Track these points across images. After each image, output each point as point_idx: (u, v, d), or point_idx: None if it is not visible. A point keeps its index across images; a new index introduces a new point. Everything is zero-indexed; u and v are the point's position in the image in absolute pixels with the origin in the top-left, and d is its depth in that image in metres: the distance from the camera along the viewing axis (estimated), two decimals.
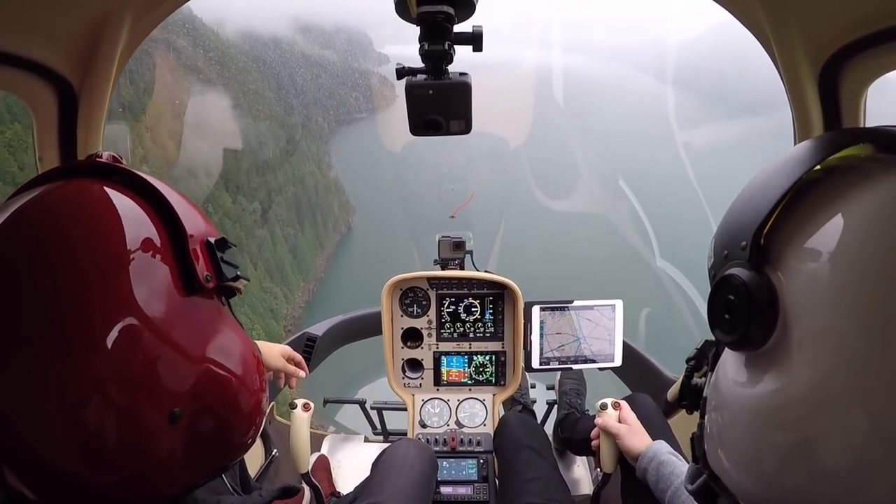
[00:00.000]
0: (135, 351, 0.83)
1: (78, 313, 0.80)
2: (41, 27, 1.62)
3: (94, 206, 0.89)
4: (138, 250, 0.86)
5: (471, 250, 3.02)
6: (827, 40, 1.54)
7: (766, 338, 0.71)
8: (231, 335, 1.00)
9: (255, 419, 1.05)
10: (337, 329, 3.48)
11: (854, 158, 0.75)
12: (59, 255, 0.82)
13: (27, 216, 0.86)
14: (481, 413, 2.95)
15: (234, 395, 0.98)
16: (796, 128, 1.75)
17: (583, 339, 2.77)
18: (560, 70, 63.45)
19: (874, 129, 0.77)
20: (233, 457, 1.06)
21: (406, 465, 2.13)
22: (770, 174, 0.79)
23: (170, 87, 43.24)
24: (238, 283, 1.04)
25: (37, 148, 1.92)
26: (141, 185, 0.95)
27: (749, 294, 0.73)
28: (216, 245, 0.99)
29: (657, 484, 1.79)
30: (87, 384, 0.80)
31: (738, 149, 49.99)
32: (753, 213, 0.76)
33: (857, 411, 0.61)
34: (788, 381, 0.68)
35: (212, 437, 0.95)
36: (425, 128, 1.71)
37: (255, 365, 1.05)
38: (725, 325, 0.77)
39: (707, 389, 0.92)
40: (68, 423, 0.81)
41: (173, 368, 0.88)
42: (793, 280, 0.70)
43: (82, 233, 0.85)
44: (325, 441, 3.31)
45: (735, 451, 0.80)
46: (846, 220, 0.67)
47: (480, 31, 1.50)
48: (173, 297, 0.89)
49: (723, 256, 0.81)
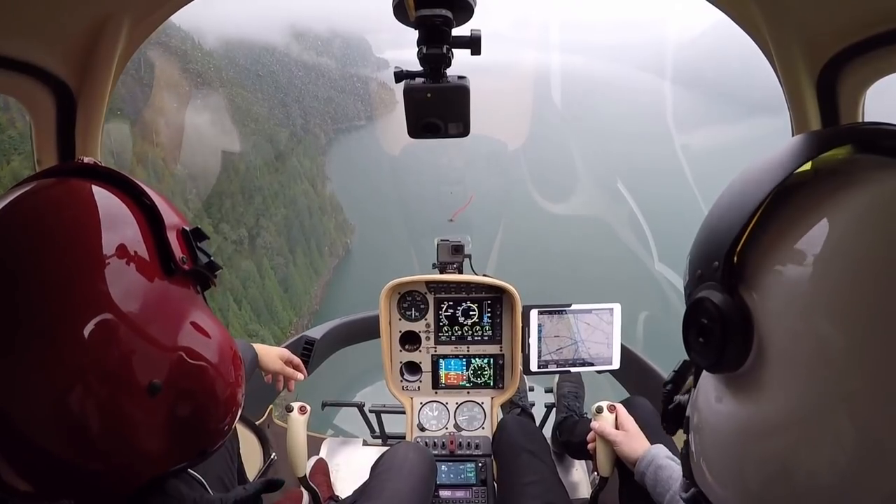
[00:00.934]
0: (105, 326, 0.86)
1: (61, 296, 0.84)
2: (39, 31, 1.62)
3: (77, 196, 0.95)
4: (118, 234, 0.92)
5: (469, 254, 3.02)
6: (825, 44, 1.55)
7: (741, 360, 0.70)
8: (205, 322, 1.04)
9: (231, 407, 1.07)
10: (335, 332, 3.48)
11: (840, 160, 0.73)
12: (43, 240, 0.87)
13: (14, 209, 0.91)
14: (480, 416, 2.95)
15: (208, 379, 1.01)
16: (794, 131, 1.75)
17: (581, 342, 2.77)
18: (558, 72, 63.60)
19: (865, 126, 0.76)
20: (210, 442, 1.07)
21: (405, 469, 2.12)
22: (743, 183, 0.77)
23: (140, 104, 39.88)
24: (212, 272, 1.09)
25: (35, 151, 1.92)
26: (120, 181, 1.01)
27: (722, 318, 0.72)
28: (194, 233, 1.06)
29: (655, 488, 1.79)
30: (71, 360, 0.84)
31: (737, 151, 49.99)
32: (726, 231, 0.74)
33: (844, 425, 0.60)
34: (769, 401, 0.67)
35: (189, 417, 0.98)
36: (424, 131, 1.71)
37: (231, 356, 1.08)
38: (700, 350, 0.76)
39: (689, 408, 0.90)
40: (53, 403, 0.84)
41: (152, 345, 0.92)
42: (768, 300, 0.69)
43: (64, 218, 0.90)
44: (324, 444, 3.30)
45: (718, 470, 0.79)
46: (822, 231, 0.65)
47: (479, 35, 1.50)
48: (149, 277, 0.94)
49: (696, 276, 0.79)
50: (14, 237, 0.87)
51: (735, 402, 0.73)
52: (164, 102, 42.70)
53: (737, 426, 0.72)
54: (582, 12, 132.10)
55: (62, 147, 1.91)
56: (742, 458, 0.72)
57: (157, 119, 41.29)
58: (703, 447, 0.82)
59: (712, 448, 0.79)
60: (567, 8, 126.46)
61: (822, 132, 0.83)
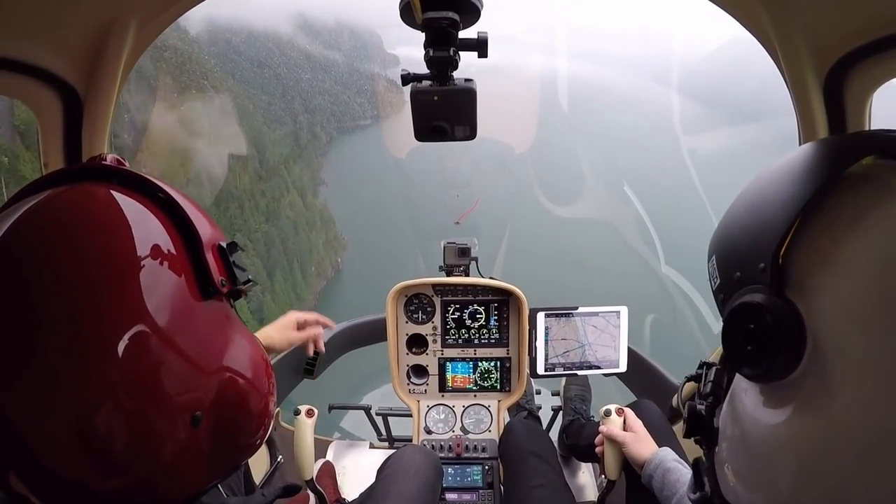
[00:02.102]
0: (150, 357, 0.81)
1: (91, 321, 0.78)
2: (46, 34, 1.63)
3: (104, 211, 0.87)
4: (148, 256, 0.84)
5: (476, 257, 3.03)
6: (832, 46, 1.55)
7: (793, 368, 0.67)
8: (241, 339, 0.99)
9: (263, 420, 1.05)
10: (342, 336, 3.48)
11: (866, 165, 0.71)
12: (69, 264, 0.80)
13: (35, 222, 0.83)
14: (486, 419, 2.95)
15: (246, 398, 0.97)
16: (801, 134, 1.75)
17: (588, 345, 2.76)
18: (565, 75, 63.49)
19: (883, 134, 0.74)
20: (242, 458, 1.06)
21: (411, 472, 2.12)
22: (777, 184, 0.74)
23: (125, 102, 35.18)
24: (247, 287, 1.02)
25: (42, 154, 1.93)
26: (148, 189, 0.93)
27: (775, 322, 0.67)
28: (230, 248, 0.99)
29: (662, 491, 1.78)
30: (99, 392, 0.78)
31: (744, 155, 49.77)
32: (768, 231, 0.70)
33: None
34: (827, 411, 0.64)
35: (225, 439, 0.95)
36: (430, 134, 1.71)
37: (265, 367, 1.05)
38: (749, 358, 0.71)
39: (720, 420, 0.86)
40: (79, 431, 0.79)
41: (191, 374, 0.87)
42: (822, 302, 0.65)
43: (93, 240, 0.83)
44: (330, 447, 3.31)
45: (762, 486, 0.74)
46: (879, 232, 0.63)
47: (485, 38, 1.50)
48: (188, 303, 0.88)
49: (735, 280, 0.75)
50: (33, 261, 0.80)
51: (785, 413, 0.69)
52: (128, 97, 38.11)
53: (788, 438, 0.68)
54: (588, 18, 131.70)
55: (69, 150, 1.93)
56: (793, 470, 0.68)
57: (121, 116, 36.69)
58: (739, 457, 0.79)
59: (756, 459, 0.75)
60: (573, 13, 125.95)
61: (845, 139, 0.81)
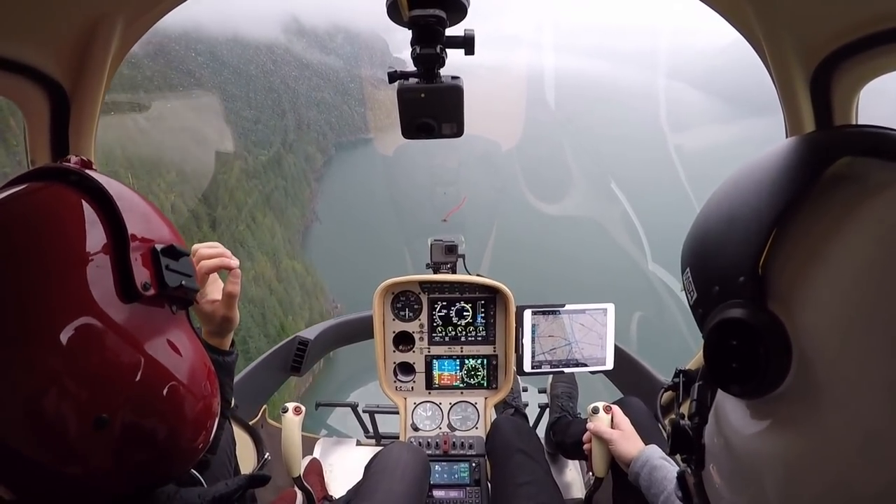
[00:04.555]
0: (58, 355, 0.82)
1: (11, 313, 0.81)
2: (33, 31, 1.61)
3: (42, 209, 0.89)
4: (75, 255, 0.86)
5: (463, 254, 3.02)
6: (819, 44, 1.55)
7: (778, 382, 0.65)
8: (179, 342, 0.98)
9: (204, 423, 1.04)
10: (328, 333, 3.47)
11: (844, 165, 0.69)
12: (4, 259, 0.83)
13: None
14: (473, 416, 2.95)
15: (178, 402, 0.96)
16: (788, 131, 1.75)
17: (574, 342, 2.77)
18: (552, 72, 63.50)
19: (858, 130, 0.72)
20: (184, 461, 1.05)
21: (399, 469, 2.12)
22: (753, 190, 0.72)
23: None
24: (178, 293, 1.00)
25: (29, 151, 1.91)
26: (94, 189, 0.94)
27: (761, 338, 0.65)
28: (165, 252, 0.97)
29: (649, 489, 1.79)
30: (9, 386, 0.81)
31: (730, 151, 50.14)
32: (746, 242, 0.68)
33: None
34: (815, 422, 0.62)
35: (152, 442, 0.94)
36: (417, 131, 1.71)
37: (206, 372, 1.04)
38: (734, 376, 0.69)
39: (707, 437, 0.84)
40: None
41: (99, 375, 0.86)
42: (807, 312, 0.63)
43: (26, 236, 0.86)
44: (317, 444, 3.30)
45: (752, 500, 0.73)
46: (861, 235, 0.61)
47: (472, 35, 1.50)
48: (111, 304, 0.88)
49: (714, 294, 0.73)
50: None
51: (774, 425, 0.67)
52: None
53: (778, 450, 0.66)
54: (574, 14, 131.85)
55: (55, 147, 1.90)
56: (786, 486, 0.66)
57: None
58: (726, 473, 0.77)
59: (743, 473, 0.73)
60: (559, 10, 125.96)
61: (821, 138, 0.79)
